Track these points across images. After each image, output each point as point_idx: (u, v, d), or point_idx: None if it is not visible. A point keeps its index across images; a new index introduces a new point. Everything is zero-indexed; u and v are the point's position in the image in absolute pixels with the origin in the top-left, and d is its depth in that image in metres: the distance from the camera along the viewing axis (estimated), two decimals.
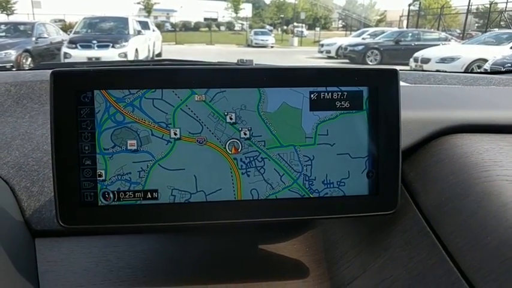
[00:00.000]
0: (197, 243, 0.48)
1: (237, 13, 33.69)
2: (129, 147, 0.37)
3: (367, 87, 0.39)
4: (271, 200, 0.38)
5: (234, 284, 0.43)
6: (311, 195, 0.39)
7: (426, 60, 7.16)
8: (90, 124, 0.36)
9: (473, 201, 0.34)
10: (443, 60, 6.90)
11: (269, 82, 0.38)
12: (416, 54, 7.60)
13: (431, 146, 0.43)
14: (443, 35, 11.45)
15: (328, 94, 0.39)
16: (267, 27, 29.32)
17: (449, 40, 10.74)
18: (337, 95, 0.39)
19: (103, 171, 0.37)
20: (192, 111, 0.37)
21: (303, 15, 28.51)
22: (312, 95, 0.38)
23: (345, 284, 0.41)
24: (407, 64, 7.63)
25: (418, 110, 0.46)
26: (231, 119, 0.38)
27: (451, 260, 0.33)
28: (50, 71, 0.36)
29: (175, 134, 0.37)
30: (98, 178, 0.37)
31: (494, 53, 5.89)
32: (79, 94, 0.36)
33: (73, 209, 0.37)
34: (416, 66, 7.20)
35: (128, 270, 0.43)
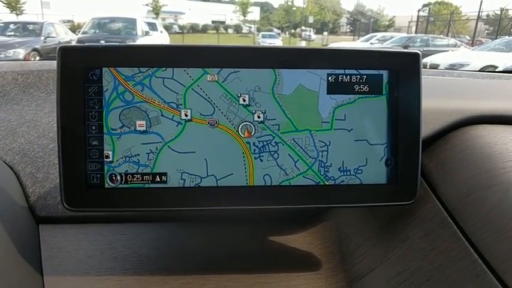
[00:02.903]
0: (206, 233, 0.46)
1: (245, 16, 33.88)
2: (137, 128, 0.36)
3: (387, 71, 0.37)
4: (285, 187, 0.37)
5: (244, 275, 0.41)
6: (326, 183, 0.37)
7: (435, 66, 7.12)
8: (98, 103, 0.35)
9: (499, 192, 0.32)
10: (452, 66, 6.85)
11: (285, 63, 0.36)
12: (425, 60, 7.57)
13: (452, 136, 0.42)
14: (452, 41, 11.41)
15: (346, 77, 0.37)
16: (275, 30, 29.44)
17: (459, 46, 10.69)
18: (356, 78, 0.37)
19: (110, 153, 0.35)
20: (204, 91, 0.36)
21: (311, 19, 28.59)
22: (329, 78, 0.37)
23: (360, 276, 0.40)
24: None
25: (438, 100, 0.44)
26: (244, 100, 0.36)
27: (475, 252, 0.31)
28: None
29: (186, 115, 0.36)
30: (105, 159, 0.35)
31: (504, 60, 5.85)
32: (87, 71, 0.35)
33: (78, 191, 0.35)
34: None
35: (133, 258, 0.42)
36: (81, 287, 0.39)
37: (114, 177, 0.36)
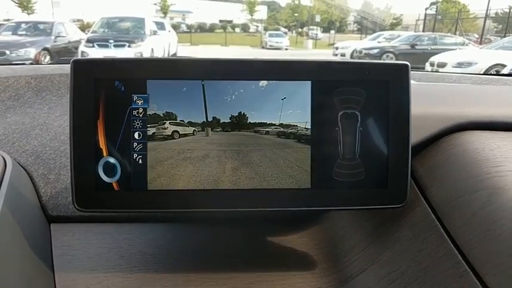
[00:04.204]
0: (207, 233, 0.48)
1: (252, 15, 33.82)
2: None
3: (378, 81, 0.39)
4: (278, 190, 0.39)
5: (243, 273, 0.43)
6: (320, 187, 0.39)
7: (442, 65, 7.06)
8: None
9: (484, 195, 0.34)
10: (460, 64, 6.79)
11: (279, 74, 0.38)
12: (432, 59, 7.50)
13: (443, 142, 0.43)
14: (460, 39, 11.30)
15: None
16: (282, 29, 29.35)
17: (467, 45, 10.58)
18: None
19: None
20: None
21: (318, 18, 28.45)
22: None
23: (353, 276, 0.42)
24: (423, 68, 7.51)
25: (429, 107, 0.46)
26: None
27: (459, 253, 0.33)
28: (69, 64, 0.37)
29: None
30: None
31: None
32: (97, 82, 0.37)
33: (89, 193, 0.38)
34: (432, 70, 7.08)
35: (138, 256, 0.44)
36: (90, 283, 0.41)
37: None
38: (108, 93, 0.37)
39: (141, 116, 0.38)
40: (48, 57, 7.00)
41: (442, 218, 0.36)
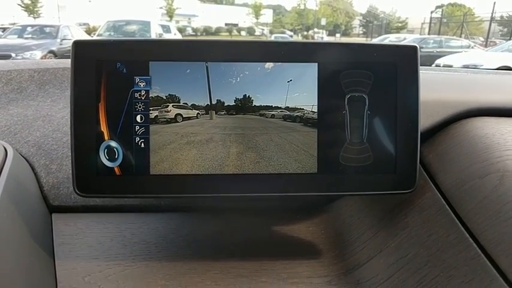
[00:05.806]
0: (212, 222, 0.48)
1: (257, 18, 33.98)
2: None
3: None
4: (284, 175, 0.38)
5: (248, 262, 0.42)
6: (327, 172, 0.38)
7: (448, 67, 7.04)
8: None
9: (494, 179, 0.33)
10: (465, 67, 6.76)
11: (286, 56, 0.37)
12: (438, 61, 7.49)
13: (452, 128, 0.42)
14: (465, 42, 11.27)
15: None
16: (287, 32, 29.46)
17: (472, 47, 10.56)
18: None
19: None
20: None
21: (323, 22, 28.52)
22: None
23: (361, 264, 0.41)
24: None
25: (439, 93, 0.45)
26: None
27: (470, 236, 0.32)
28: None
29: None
30: None
31: None
32: (99, 64, 0.36)
33: (89, 177, 0.37)
34: None
35: (141, 245, 0.44)
36: (90, 271, 0.40)
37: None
38: (109, 75, 0.36)
39: (143, 98, 0.37)
40: None
41: (453, 203, 0.36)
